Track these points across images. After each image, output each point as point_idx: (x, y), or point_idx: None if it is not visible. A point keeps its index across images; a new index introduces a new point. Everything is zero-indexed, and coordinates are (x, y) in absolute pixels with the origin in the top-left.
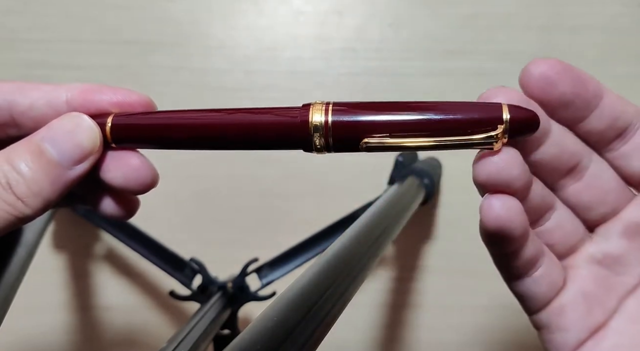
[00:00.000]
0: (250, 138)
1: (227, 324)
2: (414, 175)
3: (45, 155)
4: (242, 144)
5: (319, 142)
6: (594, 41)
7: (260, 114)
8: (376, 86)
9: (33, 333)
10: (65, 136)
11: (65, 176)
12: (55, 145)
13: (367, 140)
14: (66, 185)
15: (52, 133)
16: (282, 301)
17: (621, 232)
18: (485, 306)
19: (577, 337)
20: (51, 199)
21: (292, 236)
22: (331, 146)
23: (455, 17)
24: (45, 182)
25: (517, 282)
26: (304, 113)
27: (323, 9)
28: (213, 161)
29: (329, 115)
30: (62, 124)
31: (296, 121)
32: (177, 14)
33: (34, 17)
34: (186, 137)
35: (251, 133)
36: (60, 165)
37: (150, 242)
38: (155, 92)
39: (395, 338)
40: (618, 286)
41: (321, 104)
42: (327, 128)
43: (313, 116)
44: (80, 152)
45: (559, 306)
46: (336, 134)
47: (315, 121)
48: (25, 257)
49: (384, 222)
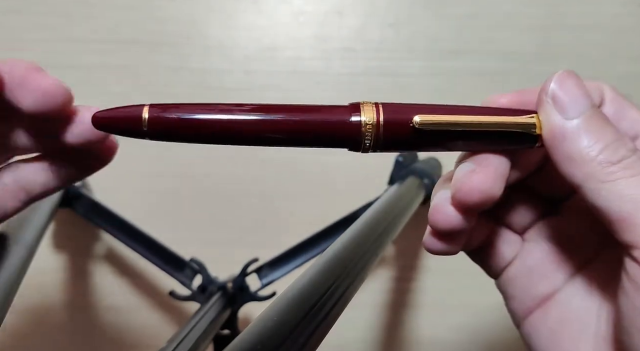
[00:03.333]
0: (298, 136)
1: (227, 324)
2: (414, 175)
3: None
4: (287, 141)
5: (369, 142)
6: (594, 41)
7: (309, 112)
8: (376, 86)
9: (33, 333)
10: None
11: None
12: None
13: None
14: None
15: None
16: (282, 301)
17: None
18: (485, 306)
19: (525, 305)
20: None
21: (292, 236)
22: (380, 145)
23: (455, 17)
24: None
25: (472, 255)
26: (355, 113)
27: (323, 9)
28: (213, 161)
29: (381, 114)
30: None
31: (346, 120)
32: (177, 14)
33: (34, 17)
34: (228, 134)
35: (299, 131)
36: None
37: (150, 242)
38: (155, 92)
39: (395, 338)
40: (568, 263)
41: (371, 104)
42: (378, 127)
43: (364, 115)
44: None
45: (508, 276)
46: (387, 134)
47: (368, 120)
48: (25, 256)
49: (384, 222)
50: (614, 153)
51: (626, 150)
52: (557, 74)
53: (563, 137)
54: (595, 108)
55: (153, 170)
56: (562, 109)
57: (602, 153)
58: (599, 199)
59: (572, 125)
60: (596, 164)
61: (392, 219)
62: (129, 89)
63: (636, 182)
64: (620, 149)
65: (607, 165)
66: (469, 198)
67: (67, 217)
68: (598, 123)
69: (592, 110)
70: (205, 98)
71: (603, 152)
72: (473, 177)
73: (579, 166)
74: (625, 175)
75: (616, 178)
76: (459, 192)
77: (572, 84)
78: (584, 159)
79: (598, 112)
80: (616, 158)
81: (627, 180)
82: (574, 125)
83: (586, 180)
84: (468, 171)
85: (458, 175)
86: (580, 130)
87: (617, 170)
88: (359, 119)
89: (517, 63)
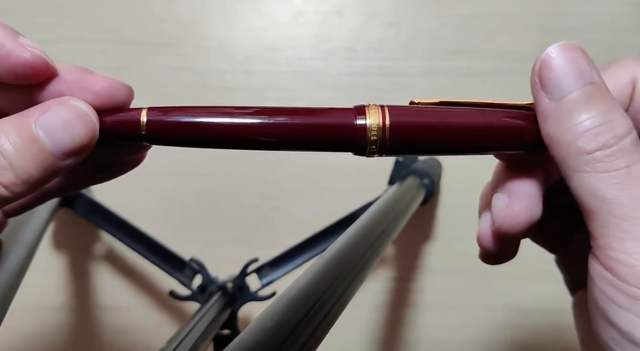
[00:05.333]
0: (301, 141)
1: (227, 324)
2: (414, 175)
3: (39, 143)
4: (290, 146)
5: (375, 146)
6: (594, 41)
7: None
8: (376, 86)
9: (33, 333)
10: (62, 127)
11: (56, 166)
12: (50, 134)
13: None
14: (56, 174)
15: (48, 122)
16: (282, 301)
17: None
18: (485, 306)
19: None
20: (38, 186)
21: (292, 236)
22: (386, 150)
23: (455, 17)
24: (35, 170)
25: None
26: (360, 116)
27: (323, 9)
28: (213, 161)
29: (387, 117)
30: (60, 113)
31: (352, 124)
32: (177, 14)
33: (34, 17)
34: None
35: (302, 135)
36: (53, 156)
37: (150, 242)
38: (155, 92)
39: (395, 338)
40: None
41: (377, 107)
42: (384, 131)
43: (370, 118)
44: (75, 146)
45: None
46: (394, 138)
47: (373, 123)
48: (25, 257)
49: (384, 222)
50: (591, 141)
51: (610, 136)
52: (547, 50)
53: (545, 118)
54: (589, 86)
55: (153, 170)
56: (546, 88)
57: (580, 139)
58: (570, 184)
59: (553, 105)
60: (573, 150)
61: (392, 219)
62: None
63: (603, 179)
64: (603, 136)
65: (581, 154)
66: (513, 230)
67: (67, 217)
68: (584, 104)
69: (581, 89)
70: (205, 98)
71: (580, 137)
72: (511, 210)
73: (557, 149)
74: (596, 169)
75: (585, 171)
76: (503, 227)
77: (561, 61)
78: (561, 143)
79: (589, 91)
80: (592, 147)
81: (595, 175)
82: (555, 105)
83: (561, 163)
84: (504, 206)
85: (496, 210)
86: (561, 110)
87: (591, 161)
88: (365, 122)
89: (517, 63)
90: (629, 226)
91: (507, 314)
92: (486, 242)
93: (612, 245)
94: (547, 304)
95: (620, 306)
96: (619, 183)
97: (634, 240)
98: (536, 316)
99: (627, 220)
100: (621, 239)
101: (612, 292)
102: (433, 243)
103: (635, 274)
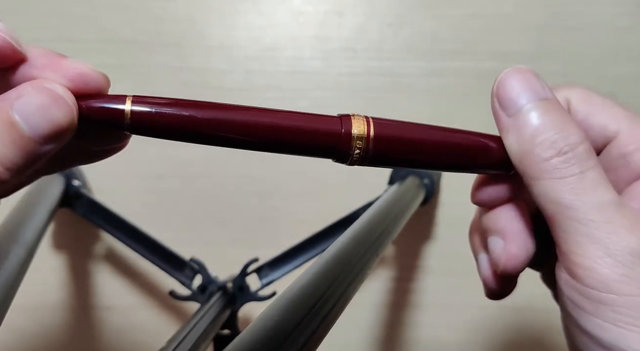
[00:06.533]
0: (284, 143)
1: (227, 324)
2: (414, 175)
3: (16, 128)
4: (273, 147)
5: (357, 155)
6: (594, 41)
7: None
8: (376, 86)
9: (33, 333)
10: (38, 111)
11: (37, 151)
12: (27, 119)
13: None
14: (39, 159)
15: (24, 106)
16: (282, 301)
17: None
18: (484, 306)
19: None
20: (22, 172)
21: (292, 236)
22: (368, 160)
23: (455, 17)
24: (16, 156)
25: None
26: (345, 125)
27: (323, 9)
28: (213, 161)
29: (371, 128)
30: (34, 97)
31: (337, 131)
32: (177, 14)
33: (34, 17)
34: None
35: (287, 137)
36: (32, 140)
37: (150, 242)
38: (155, 92)
39: (395, 337)
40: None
41: (362, 117)
42: (368, 141)
43: (355, 128)
44: (54, 130)
45: None
46: (377, 149)
47: (358, 133)
48: (25, 257)
49: (384, 222)
50: (547, 148)
51: (565, 144)
52: (501, 73)
53: (507, 133)
54: (541, 101)
55: (153, 170)
56: (503, 106)
57: (537, 148)
58: (533, 193)
59: (512, 120)
60: (532, 159)
61: (392, 219)
62: (129, 89)
63: (560, 185)
64: (558, 143)
65: (539, 162)
66: (516, 270)
67: (67, 217)
68: (539, 116)
69: (534, 103)
70: (205, 98)
71: (538, 146)
72: (509, 251)
73: (519, 160)
74: (553, 175)
75: (544, 178)
76: (506, 269)
77: (514, 81)
78: (521, 153)
79: (543, 105)
80: (548, 155)
81: (552, 181)
82: (513, 120)
83: (524, 174)
84: (501, 249)
85: (495, 255)
86: (519, 124)
87: (548, 167)
88: (350, 132)
89: (517, 63)
90: (587, 229)
91: (507, 314)
92: (491, 283)
93: (573, 249)
94: (547, 304)
95: (586, 312)
96: (574, 188)
97: (592, 243)
98: (536, 316)
99: (584, 224)
100: (580, 243)
101: (577, 298)
102: (433, 243)
103: (596, 277)
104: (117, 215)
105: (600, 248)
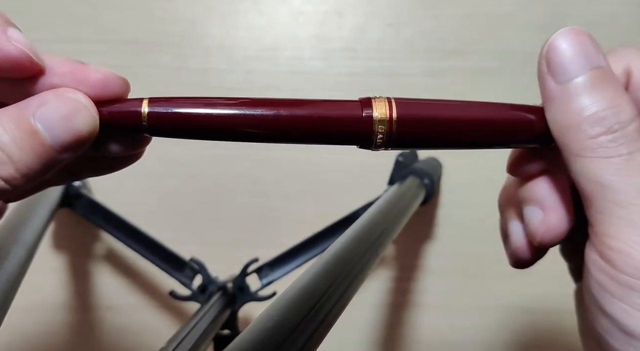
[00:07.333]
0: (305, 133)
1: (227, 324)
2: (414, 175)
3: (38, 136)
4: (295, 138)
5: (381, 139)
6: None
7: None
8: (376, 86)
9: (33, 333)
10: (62, 121)
11: (55, 159)
12: (49, 128)
13: None
14: (55, 167)
15: (47, 115)
16: (282, 301)
17: None
18: (485, 306)
19: None
20: (37, 178)
21: (292, 236)
22: (393, 143)
23: (455, 17)
24: (34, 163)
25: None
26: (366, 108)
27: (323, 9)
28: (213, 161)
29: (394, 110)
30: (58, 106)
31: (358, 115)
32: (177, 14)
33: (34, 17)
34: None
35: (307, 127)
36: (53, 149)
37: (150, 242)
38: (155, 92)
39: (395, 338)
40: None
41: (384, 99)
42: (391, 123)
43: (377, 111)
44: (75, 140)
45: None
46: (401, 131)
47: (380, 116)
48: (25, 257)
49: (384, 222)
50: (595, 125)
51: (615, 122)
52: (554, 34)
53: (551, 102)
54: (595, 70)
55: (153, 170)
56: (552, 72)
57: (584, 123)
58: (572, 169)
59: (560, 88)
60: (576, 134)
61: (392, 219)
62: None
63: (604, 165)
64: (608, 120)
65: (584, 138)
66: (554, 242)
67: (67, 217)
68: (590, 88)
69: (588, 73)
70: None
71: (585, 121)
72: (549, 223)
73: (561, 133)
74: (598, 154)
75: (587, 156)
76: (544, 241)
77: (568, 44)
78: (565, 126)
79: (596, 75)
80: (596, 132)
81: (596, 160)
82: (562, 88)
83: (564, 149)
84: (540, 221)
85: (534, 226)
86: (567, 93)
87: (594, 145)
88: (371, 115)
89: (517, 63)
90: (627, 213)
91: (507, 314)
92: (522, 253)
93: (609, 232)
94: (548, 304)
95: (613, 295)
96: (619, 169)
97: (630, 227)
98: (536, 316)
99: (624, 207)
100: (617, 226)
101: (606, 281)
102: (433, 243)
103: (630, 262)
104: (117, 215)
105: (638, 233)
